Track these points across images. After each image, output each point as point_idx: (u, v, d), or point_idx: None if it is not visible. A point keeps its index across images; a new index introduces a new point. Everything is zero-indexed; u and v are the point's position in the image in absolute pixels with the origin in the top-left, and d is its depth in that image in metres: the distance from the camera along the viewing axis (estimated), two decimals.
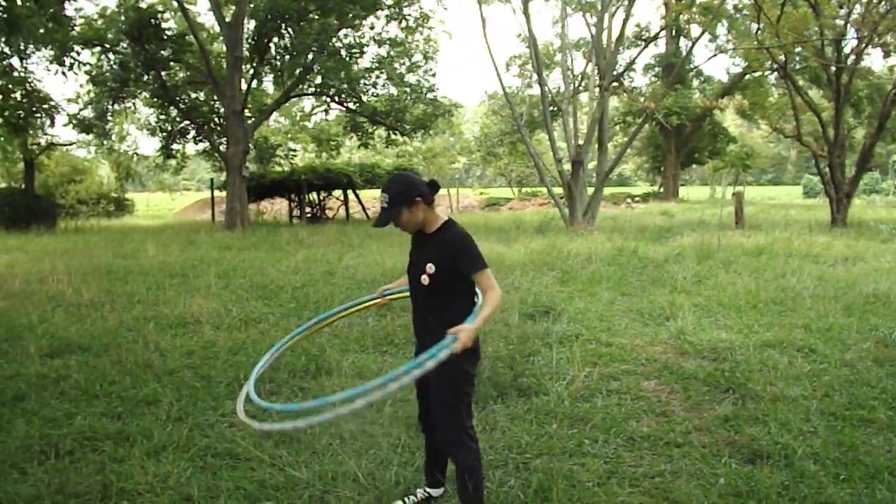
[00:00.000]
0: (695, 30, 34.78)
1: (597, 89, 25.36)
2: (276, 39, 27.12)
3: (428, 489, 4.28)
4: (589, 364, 6.92)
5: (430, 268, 3.64)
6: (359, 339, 8.09)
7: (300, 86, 28.88)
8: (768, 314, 9.23)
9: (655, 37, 44.97)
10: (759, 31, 24.20)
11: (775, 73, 33.44)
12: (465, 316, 3.53)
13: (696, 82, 48.40)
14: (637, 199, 47.53)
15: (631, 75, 46.14)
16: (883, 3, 22.68)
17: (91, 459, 4.83)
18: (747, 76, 39.94)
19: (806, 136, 26.75)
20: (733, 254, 14.92)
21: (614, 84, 31.86)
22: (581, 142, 24.05)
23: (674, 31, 43.57)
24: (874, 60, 54.05)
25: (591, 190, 24.50)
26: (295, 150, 43.02)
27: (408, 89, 29.90)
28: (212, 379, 6.57)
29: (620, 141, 46.31)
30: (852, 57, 24.11)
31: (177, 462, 4.75)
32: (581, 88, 36.00)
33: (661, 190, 49.94)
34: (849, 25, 23.96)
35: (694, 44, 43.16)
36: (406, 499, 4.22)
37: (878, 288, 10.72)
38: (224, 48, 27.52)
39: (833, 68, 23.76)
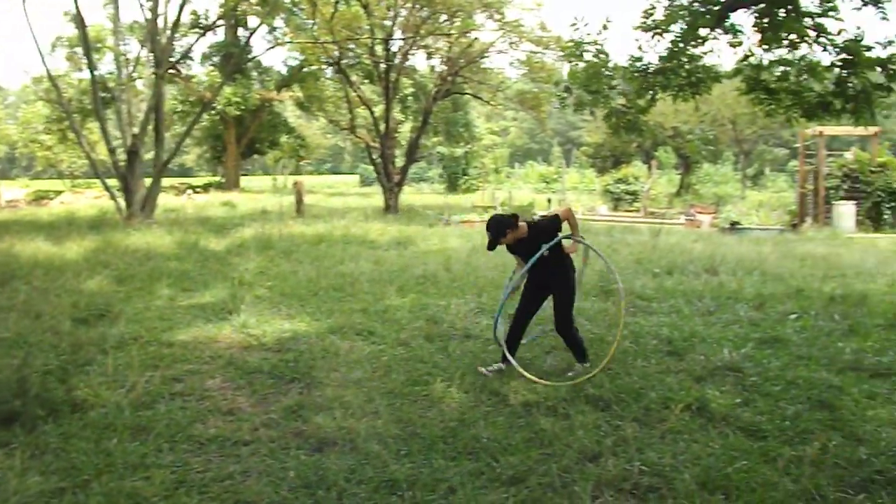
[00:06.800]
0: (253, 20, 34.86)
1: (152, 76, 24.33)
2: None
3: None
4: (150, 368, 6.51)
5: (545, 246, 6.06)
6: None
7: None
8: (329, 301, 9.50)
9: (213, 25, 44.28)
10: (315, 27, 24.96)
11: (331, 68, 34.83)
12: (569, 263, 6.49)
13: (255, 73, 48.61)
14: (198, 189, 46.60)
15: (189, 63, 45.02)
16: (424, 9, 24.69)
17: None
18: (305, 69, 40.95)
19: (360, 129, 28.26)
20: (294, 243, 15.15)
21: (171, 71, 30.86)
22: (137, 131, 22.90)
23: (233, 21, 43.22)
24: (418, 60, 58.91)
25: (149, 181, 23.44)
26: None
27: None
28: None
29: (180, 130, 45.05)
30: (399, 56, 25.95)
31: None
32: (136, 75, 34.35)
33: (223, 180, 49.55)
34: (396, 27, 25.73)
35: (251, 34, 43.25)
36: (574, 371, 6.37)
37: (427, 269, 11.66)
38: None
39: (383, 66, 25.34)
